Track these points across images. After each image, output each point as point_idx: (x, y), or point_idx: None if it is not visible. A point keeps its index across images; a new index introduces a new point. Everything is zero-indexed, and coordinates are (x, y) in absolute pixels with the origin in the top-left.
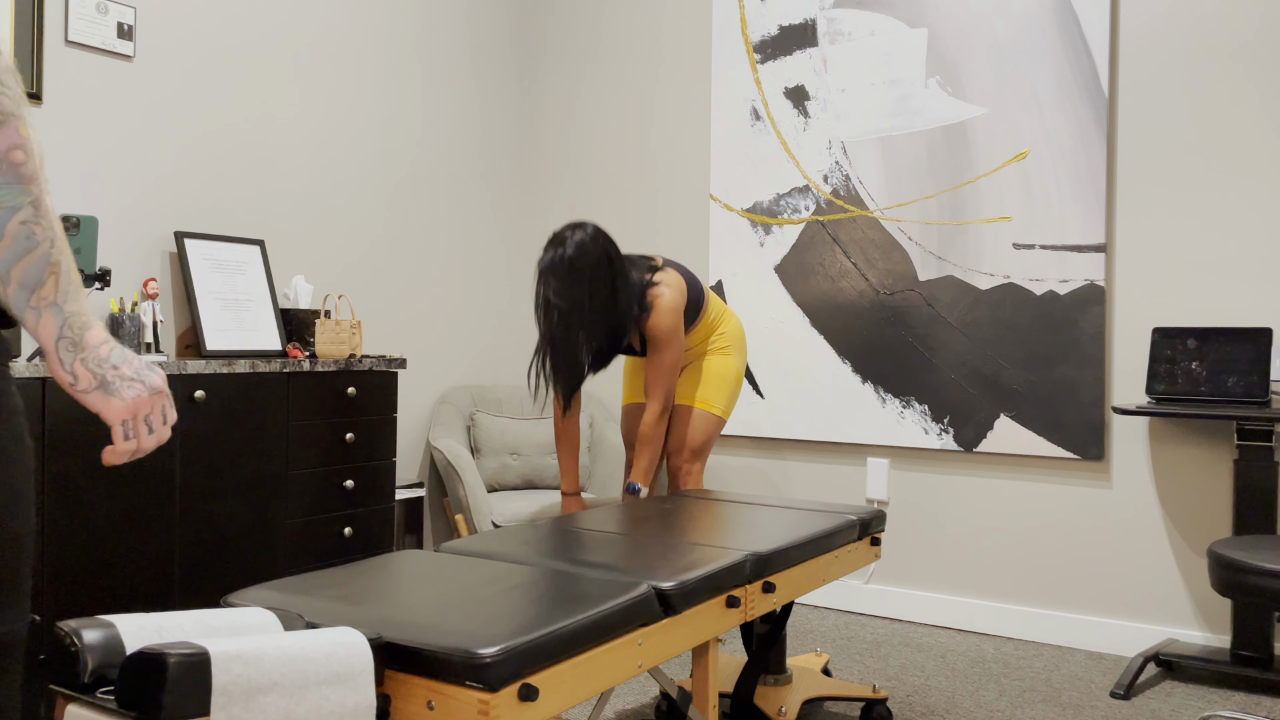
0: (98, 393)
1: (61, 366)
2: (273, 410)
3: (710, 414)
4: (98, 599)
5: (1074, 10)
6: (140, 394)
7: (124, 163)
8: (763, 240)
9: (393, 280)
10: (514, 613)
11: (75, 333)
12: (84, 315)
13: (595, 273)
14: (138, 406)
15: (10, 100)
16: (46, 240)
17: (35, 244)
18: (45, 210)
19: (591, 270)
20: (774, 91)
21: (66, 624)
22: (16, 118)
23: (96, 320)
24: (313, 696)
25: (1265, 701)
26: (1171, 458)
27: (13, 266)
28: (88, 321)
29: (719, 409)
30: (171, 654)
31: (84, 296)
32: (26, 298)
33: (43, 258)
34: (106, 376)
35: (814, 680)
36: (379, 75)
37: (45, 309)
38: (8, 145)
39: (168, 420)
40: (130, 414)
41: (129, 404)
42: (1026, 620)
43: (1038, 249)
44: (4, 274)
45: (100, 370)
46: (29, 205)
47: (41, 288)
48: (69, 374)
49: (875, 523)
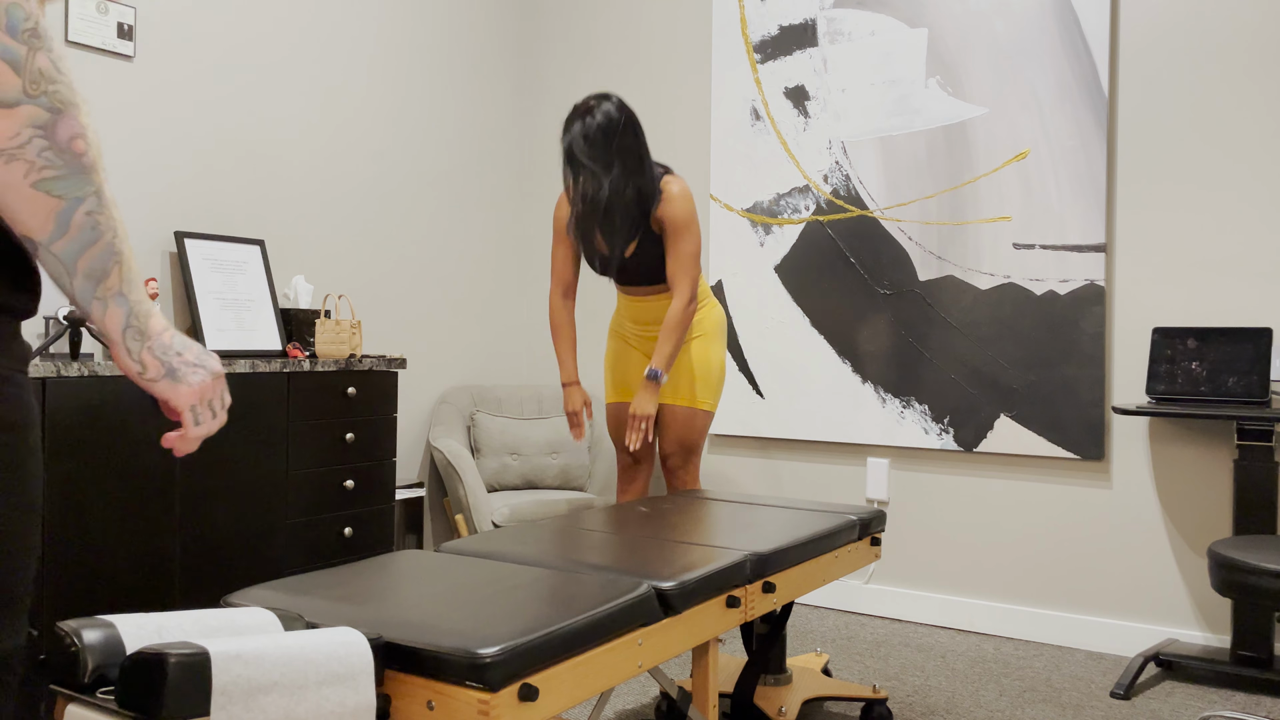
0: (166, 380)
1: (129, 356)
2: (273, 410)
3: (700, 410)
4: (98, 599)
5: (1074, 10)
6: (204, 379)
7: (124, 163)
8: (763, 240)
9: (393, 280)
10: (514, 613)
11: (140, 321)
12: (145, 303)
13: (623, 141)
14: (204, 391)
15: (68, 89)
16: (110, 230)
17: (100, 234)
18: (107, 200)
19: (619, 138)
20: (774, 91)
21: (66, 624)
22: (75, 106)
23: (155, 308)
24: (313, 696)
25: (1265, 701)
26: (1171, 458)
27: (79, 258)
28: (149, 310)
29: (708, 404)
30: (172, 654)
31: (143, 285)
32: (93, 289)
33: (107, 248)
34: (173, 364)
35: (814, 680)
36: (379, 75)
37: (111, 299)
38: (69, 135)
39: (226, 403)
40: (198, 398)
41: (196, 389)
42: (1026, 620)
43: (1038, 249)
44: (70, 266)
45: (166, 358)
46: (93, 195)
47: (107, 278)
48: (137, 363)
49: (875, 523)
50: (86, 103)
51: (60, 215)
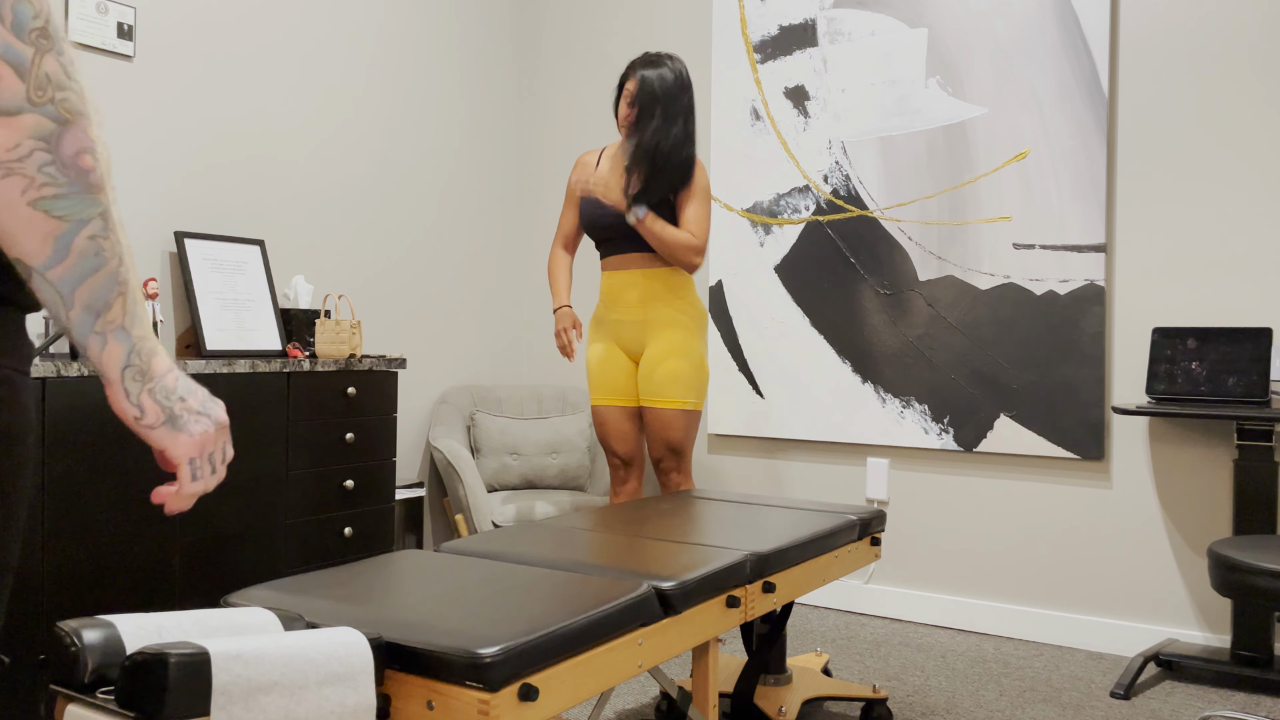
0: (165, 428)
1: (127, 399)
2: (273, 410)
3: (683, 410)
4: (98, 599)
5: (1074, 10)
6: (207, 429)
7: (124, 163)
8: (763, 240)
9: (393, 280)
10: (514, 613)
11: (143, 360)
12: (150, 340)
13: (689, 101)
14: (204, 443)
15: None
16: (115, 257)
17: (103, 261)
18: (114, 223)
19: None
20: (774, 91)
21: (66, 624)
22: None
23: (160, 345)
24: (313, 696)
25: (1265, 701)
26: (1171, 458)
27: (78, 287)
28: (154, 347)
29: (692, 402)
30: (172, 654)
31: (147, 318)
32: (91, 322)
33: (111, 277)
34: (175, 410)
35: (814, 680)
36: (380, 75)
37: (111, 334)
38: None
39: (227, 457)
40: (198, 451)
41: (196, 440)
42: (1026, 620)
43: (1038, 249)
44: (68, 296)
45: (168, 403)
46: (98, 217)
47: (109, 311)
48: (135, 407)
49: (875, 523)
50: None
51: (60, 239)
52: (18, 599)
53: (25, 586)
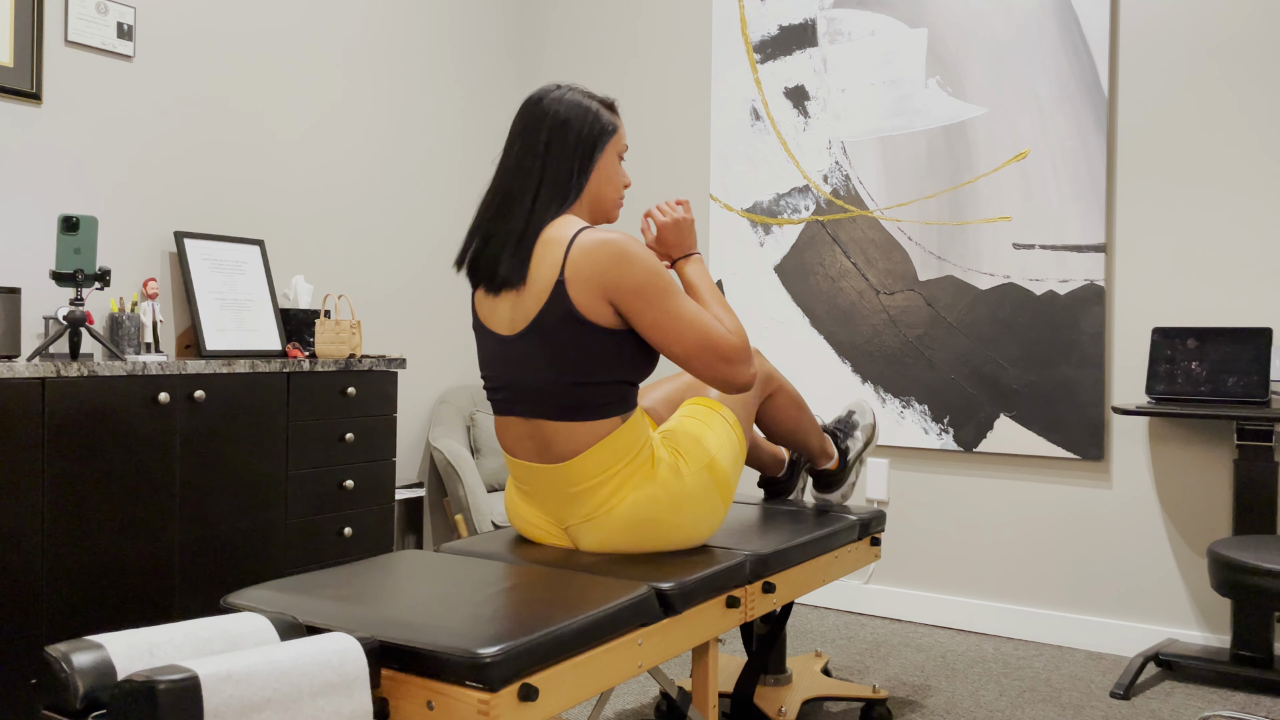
0: None
1: None
2: (272, 410)
3: None
4: (97, 600)
5: (1074, 10)
6: None
7: (124, 163)
8: (762, 240)
9: (393, 280)
10: (514, 613)
11: None
12: None
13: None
14: None
15: None
16: None
17: None
18: None
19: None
20: (774, 91)
21: (56, 648)
22: None
23: None
24: (307, 709)
25: (1265, 701)
26: (1171, 458)
27: None
28: None
29: None
30: (161, 682)
31: None
32: None
33: None
34: None
35: (814, 680)
36: (380, 75)
37: None
38: None
39: None
40: None
41: None
42: (1026, 620)
43: (1038, 249)
44: None
45: None
46: None
47: None
48: None
49: (875, 523)
50: None
51: None
52: (15, 606)
53: (25, 589)
